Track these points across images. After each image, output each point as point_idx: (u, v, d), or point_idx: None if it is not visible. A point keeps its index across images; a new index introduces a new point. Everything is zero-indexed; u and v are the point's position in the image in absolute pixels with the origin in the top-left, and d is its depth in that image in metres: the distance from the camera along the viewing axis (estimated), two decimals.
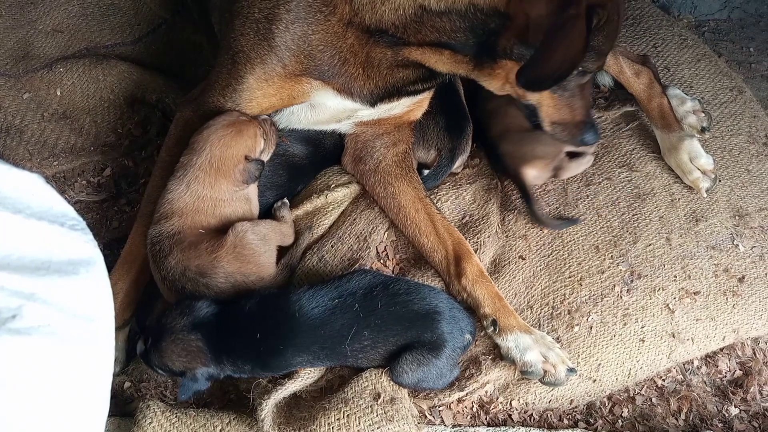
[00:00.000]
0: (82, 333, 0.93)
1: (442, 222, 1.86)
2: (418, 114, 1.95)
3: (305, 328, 1.55)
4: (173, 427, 1.52)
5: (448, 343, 1.60)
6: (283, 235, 1.79)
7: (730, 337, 1.86)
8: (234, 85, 1.72)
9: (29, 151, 2.18)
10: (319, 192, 1.97)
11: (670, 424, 1.74)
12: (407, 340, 1.58)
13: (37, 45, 2.43)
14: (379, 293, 1.60)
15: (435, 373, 1.60)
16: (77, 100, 2.30)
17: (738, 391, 1.81)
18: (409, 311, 1.59)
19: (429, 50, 1.58)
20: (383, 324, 1.57)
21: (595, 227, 1.97)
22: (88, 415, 0.95)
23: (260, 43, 1.64)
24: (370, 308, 1.57)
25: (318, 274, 1.81)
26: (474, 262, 1.79)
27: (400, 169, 1.93)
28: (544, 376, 1.66)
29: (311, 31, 1.61)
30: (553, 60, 1.45)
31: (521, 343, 1.68)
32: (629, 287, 1.86)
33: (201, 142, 1.69)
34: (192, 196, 1.67)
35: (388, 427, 1.49)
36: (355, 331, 1.55)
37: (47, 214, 0.98)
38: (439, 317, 1.61)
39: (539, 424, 1.70)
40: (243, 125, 1.70)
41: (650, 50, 2.43)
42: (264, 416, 1.51)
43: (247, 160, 1.70)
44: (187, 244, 1.63)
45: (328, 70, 1.66)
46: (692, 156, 2.04)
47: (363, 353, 1.58)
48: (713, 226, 1.99)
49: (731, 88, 2.35)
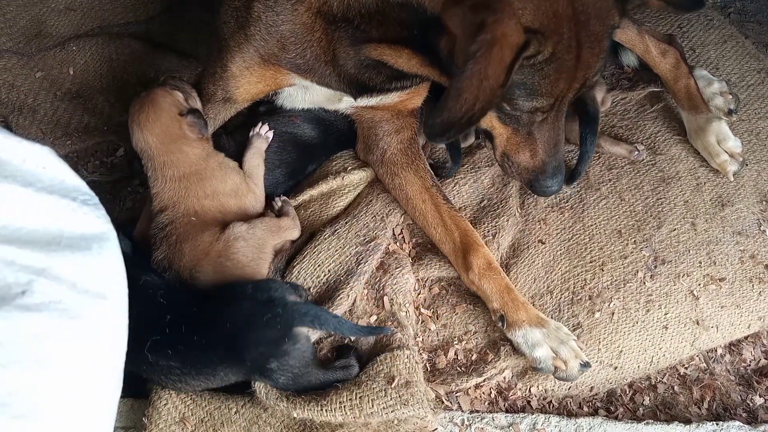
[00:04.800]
0: (94, 310, 0.91)
1: (448, 213, 1.80)
2: (417, 102, 1.87)
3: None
4: (188, 408, 1.50)
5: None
6: (281, 230, 1.73)
7: (756, 324, 1.80)
8: (220, 72, 1.72)
9: (42, 130, 2.16)
10: (335, 174, 1.94)
11: (693, 413, 1.70)
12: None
13: (50, 23, 2.41)
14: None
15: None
16: (90, 79, 2.28)
17: (763, 380, 1.75)
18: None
19: (388, 48, 1.49)
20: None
21: (618, 211, 1.93)
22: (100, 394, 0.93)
23: (239, 31, 1.63)
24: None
25: (330, 248, 1.77)
26: (481, 254, 1.72)
27: (405, 157, 1.88)
28: (555, 372, 1.62)
29: (280, 21, 1.57)
30: (462, 99, 1.21)
31: (530, 338, 1.63)
32: (653, 273, 1.82)
33: (138, 138, 1.70)
34: (172, 181, 1.67)
35: (402, 411, 1.46)
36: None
37: (59, 188, 0.95)
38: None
39: (558, 411, 1.66)
40: (150, 96, 1.71)
41: (675, 30, 2.37)
42: (264, 392, 1.49)
43: (182, 116, 1.68)
44: (176, 239, 1.61)
45: (302, 64, 1.62)
46: (720, 138, 1.99)
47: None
48: (740, 212, 1.93)
49: (759, 70, 2.29)
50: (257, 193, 1.76)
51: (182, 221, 1.64)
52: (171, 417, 1.48)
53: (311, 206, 1.89)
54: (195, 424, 1.48)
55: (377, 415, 1.45)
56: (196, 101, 1.77)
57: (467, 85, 1.21)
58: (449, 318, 1.76)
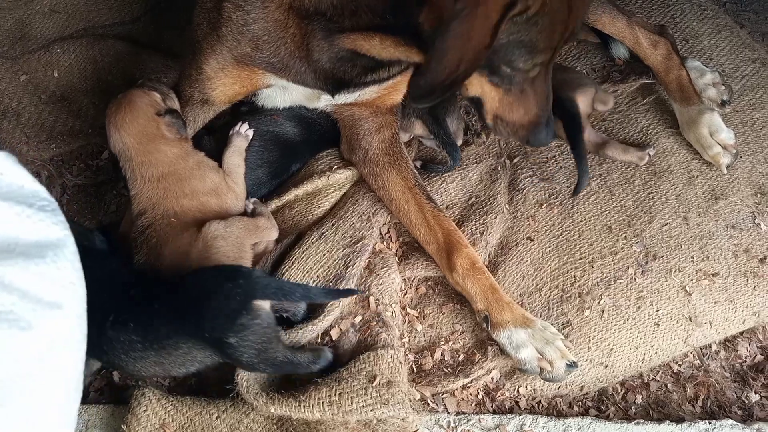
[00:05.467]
0: (47, 320, 0.88)
1: (432, 213, 1.77)
2: (397, 98, 1.84)
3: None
4: (168, 414, 1.48)
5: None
6: (259, 229, 1.69)
7: (751, 320, 1.77)
8: (195, 75, 1.70)
9: (26, 134, 2.14)
10: (320, 173, 1.91)
11: (686, 412, 1.67)
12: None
13: (34, 26, 2.38)
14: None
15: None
16: (75, 81, 2.26)
17: (759, 376, 1.72)
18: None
19: (360, 37, 1.46)
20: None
21: (608, 207, 1.89)
22: (55, 406, 0.90)
23: (211, 33, 1.61)
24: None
25: (318, 252, 1.74)
26: (464, 254, 1.69)
27: (388, 157, 1.85)
28: (541, 372, 1.59)
29: (252, 20, 1.54)
30: (446, 60, 1.18)
31: (515, 339, 1.60)
32: (644, 269, 1.78)
33: (115, 139, 1.69)
34: (151, 181, 1.65)
35: (382, 411, 1.42)
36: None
37: (16, 193, 0.93)
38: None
39: (548, 411, 1.63)
40: (127, 96, 1.71)
41: (668, 21, 2.33)
42: (242, 380, 1.46)
43: (159, 116, 1.67)
44: (156, 242, 1.59)
45: (277, 62, 1.59)
46: (712, 130, 1.95)
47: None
48: (733, 204, 1.90)
49: (754, 60, 2.25)
50: (238, 191, 1.74)
51: (162, 223, 1.62)
52: (151, 423, 1.46)
53: (296, 206, 1.86)
54: (175, 430, 1.46)
55: (356, 413, 1.42)
56: (174, 102, 1.75)
57: (451, 45, 1.17)
58: (436, 318, 1.73)
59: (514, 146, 2.05)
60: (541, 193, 1.93)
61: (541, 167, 1.99)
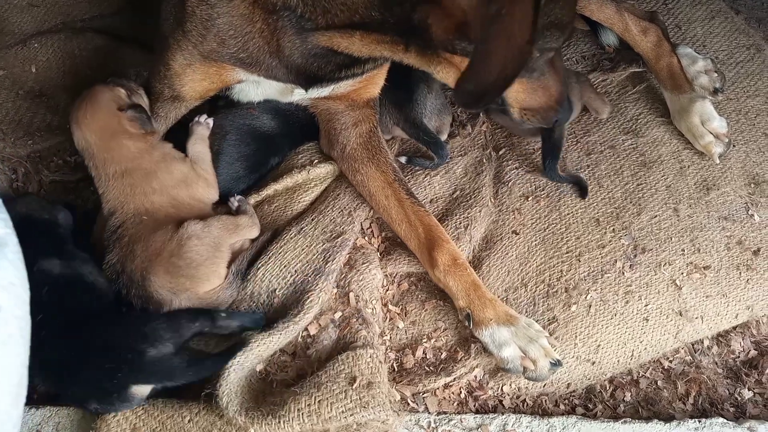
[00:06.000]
0: None
1: (412, 208, 1.72)
2: (373, 91, 1.78)
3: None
4: (139, 419, 1.43)
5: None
6: (239, 228, 1.64)
7: (744, 314, 1.72)
8: (163, 71, 1.66)
9: (2, 130, 2.08)
10: (300, 167, 1.86)
11: (677, 409, 1.62)
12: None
13: (12, 20, 2.33)
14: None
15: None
16: (53, 76, 2.20)
17: (752, 372, 1.67)
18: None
19: (337, 34, 1.41)
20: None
21: (596, 199, 1.84)
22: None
23: (177, 28, 1.57)
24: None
25: (296, 247, 1.69)
26: (446, 250, 1.65)
27: (366, 151, 1.80)
28: (524, 372, 1.54)
29: (216, 14, 1.49)
30: (493, 64, 1.15)
31: (497, 337, 1.55)
32: (632, 262, 1.73)
33: (78, 137, 1.67)
34: (115, 178, 1.61)
35: (362, 414, 1.38)
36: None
37: None
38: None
39: (533, 410, 1.58)
40: (91, 93, 1.68)
41: (660, 7, 2.28)
42: (224, 394, 1.41)
43: (121, 111, 1.64)
44: (128, 240, 1.55)
45: (246, 57, 1.54)
46: (704, 119, 1.90)
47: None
48: (726, 195, 1.84)
49: (748, 47, 2.20)
50: (208, 178, 1.69)
51: (133, 221, 1.58)
52: (121, 428, 1.41)
53: (275, 201, 1.82)
54: None
55: (335, 420, 1.38)
56: (141, 98, 1.71)
57: (494, 47, 1.14)
58: (418, 314, 1.68)
59: (500, 137, 2.00)
60: (527, 185, 1.88)
61: (527, 159, 1.94)
